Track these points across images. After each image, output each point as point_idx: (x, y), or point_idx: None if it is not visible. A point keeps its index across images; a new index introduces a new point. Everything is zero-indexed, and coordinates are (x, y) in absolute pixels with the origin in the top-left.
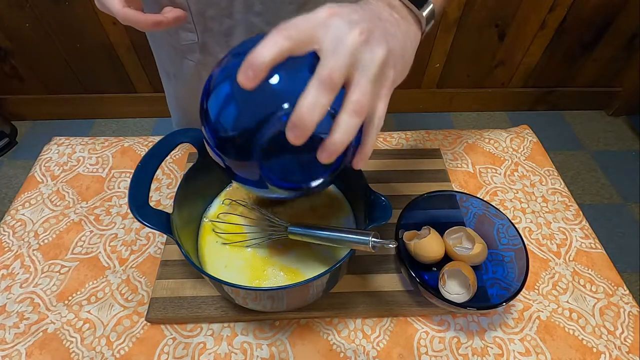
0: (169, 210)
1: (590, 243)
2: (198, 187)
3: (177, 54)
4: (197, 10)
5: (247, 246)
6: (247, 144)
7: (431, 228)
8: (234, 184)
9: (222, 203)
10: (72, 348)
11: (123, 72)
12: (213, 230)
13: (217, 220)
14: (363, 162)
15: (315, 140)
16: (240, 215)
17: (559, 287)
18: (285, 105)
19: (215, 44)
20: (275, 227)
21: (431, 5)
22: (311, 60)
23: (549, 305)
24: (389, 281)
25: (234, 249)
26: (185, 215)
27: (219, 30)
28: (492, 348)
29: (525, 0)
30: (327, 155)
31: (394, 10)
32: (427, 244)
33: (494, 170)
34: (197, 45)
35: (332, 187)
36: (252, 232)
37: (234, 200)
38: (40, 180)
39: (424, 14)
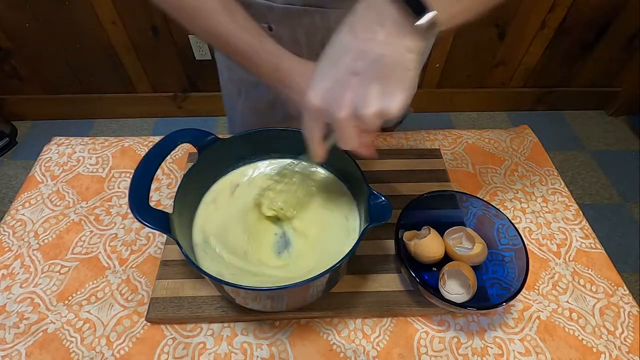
0: (169, 210)
1: (590, 243)
2: (198, 187)
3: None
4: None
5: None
6: None
7: (431, 228)
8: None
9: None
10: (72, 348)
11: (123, 72)
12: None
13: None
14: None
15: None
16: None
17: (559, 287)
18: None
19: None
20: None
21: (431, 15)
22: None
23: (549, 305)
24: (389, 281)
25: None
26: (185, 215)
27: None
28: (492, 348)
29: (525, 0)
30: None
31: (383, 29)
32: (427, 244)
33: (494, 170)
34: None
35: (338, 183)
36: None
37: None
38: (40, 180)
39: (422, 24)
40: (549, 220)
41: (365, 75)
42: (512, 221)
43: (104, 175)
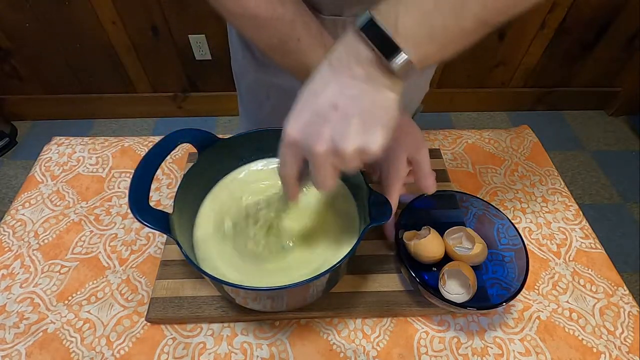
0: (169, 210)
1: (590, 243)
2: (198, 187)
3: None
4: None
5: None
6: None
7: (431, 228)
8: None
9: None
10: (72, 348)
11: (123, 72)
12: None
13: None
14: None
15: None
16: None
17: (559, 287)
18: None
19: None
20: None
21: (403, 57)
22: None
23: (549, 305)
24: (389, 281)
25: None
26: (185, 215)
27: None
28: (492, 348)
29: None
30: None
31: (361, 67)
32: (427, 244)
33: (494, 170)
34: None
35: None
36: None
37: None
38: (40, 180)
39: (394, 67)
40: (549, 220)
41: (345, 110)
42: (512, 221)
43: (104, 175)
